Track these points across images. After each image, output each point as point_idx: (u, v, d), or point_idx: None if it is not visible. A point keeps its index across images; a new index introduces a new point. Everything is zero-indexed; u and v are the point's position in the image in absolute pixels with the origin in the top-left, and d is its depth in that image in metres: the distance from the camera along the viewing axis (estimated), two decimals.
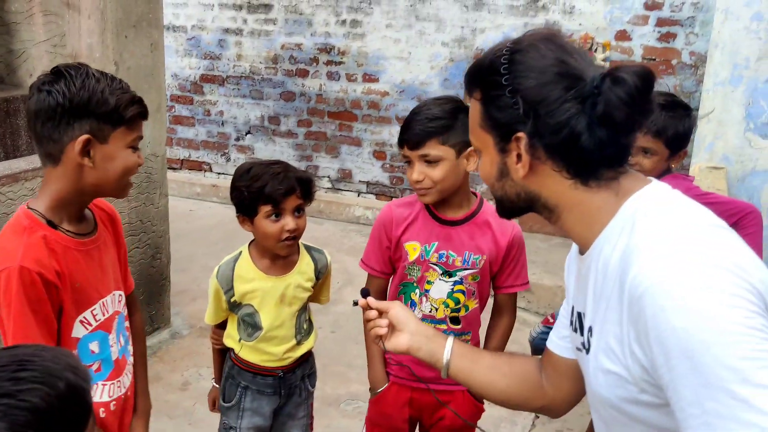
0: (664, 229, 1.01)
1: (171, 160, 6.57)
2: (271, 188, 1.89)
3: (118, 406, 1.65)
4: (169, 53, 6.22)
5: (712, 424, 0.88)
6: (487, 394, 1.44)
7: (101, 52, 3.15)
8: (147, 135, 3.44)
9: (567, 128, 1.06)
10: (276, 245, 1.95)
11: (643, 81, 1.03)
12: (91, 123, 1.44)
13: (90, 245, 1.56)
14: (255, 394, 2.08)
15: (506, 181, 1.17)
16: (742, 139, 3.98)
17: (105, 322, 1.59)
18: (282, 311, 2.02)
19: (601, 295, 1.09)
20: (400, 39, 5.70)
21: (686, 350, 0.90)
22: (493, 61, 1.13)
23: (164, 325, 3.78)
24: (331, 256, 2.21)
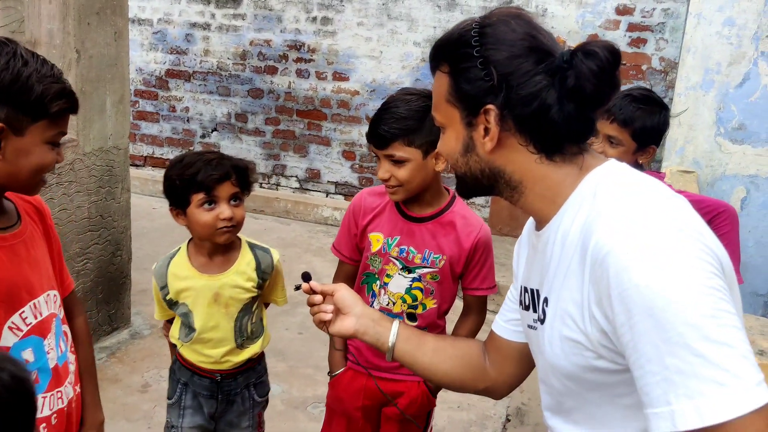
0: (626, 196, 1.03)
1: (134, 156, 6.40)
2: (203, 174, 1.81)
3: (60, 419, 1.47)
4: (134, 47, 6.06)
5: (672, 380, 0.89)
6: (431, 376, 1.46)
7: (62, 39, 3.02)
8: (109, 127, 3.32)
9: (537, 100, 1.07)
10: (212, 235, 1.85)
11: (612, 55, 1.05)
12: (8, 111, 1.24)
13: (12, 240, 1.37)
14: (193, 393, 2.01)
15: (471, 156, 1.16)
16: (713, 143, 4.00)
17: (38, 325, 1.40)
18: (216, 312, 1.93)
19: (559, 264, 1.10)
20: (371, 37, 5.64)
21: (648, 307, 0.91)
22: (462, 35, 1.13)
23: (124, 324, 3.65)
24: (299, 256, 2.14)
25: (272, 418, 3.03)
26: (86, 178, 3.24)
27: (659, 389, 0.90)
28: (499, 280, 4.21)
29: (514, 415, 3.21)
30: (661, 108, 2.23)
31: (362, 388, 2.02)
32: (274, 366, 3.47)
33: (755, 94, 3.94)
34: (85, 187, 3.24)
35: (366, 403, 2.03)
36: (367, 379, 2.01)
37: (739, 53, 3.93)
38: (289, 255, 4.99)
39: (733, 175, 4.01)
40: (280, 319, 3.87)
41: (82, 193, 3.22)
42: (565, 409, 1.17)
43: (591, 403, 1.11)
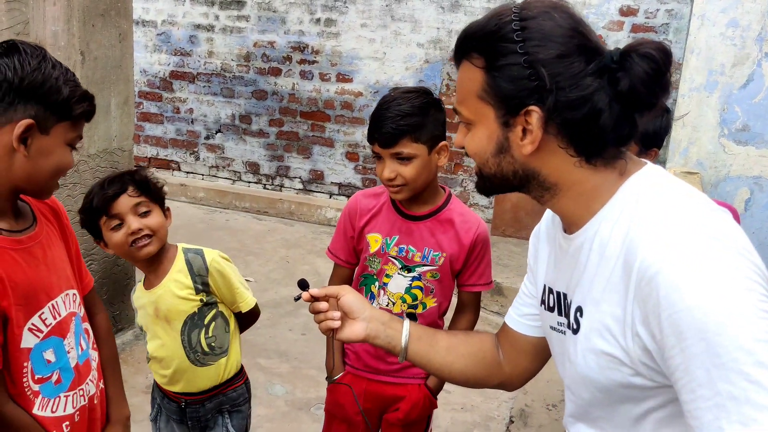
0: (670, 209, 0.99)
1: (138, 158, 6.41)
2: (98, 198, 1.77)
3: (83, 417, 1.49)
4: (138, 48, 6.07)
5: (725, 406, 0.86)
6: (445, 375, 1.43)
7: (67, 41, 3.03)
8: (114, 129, 3.32)
9: (589, 104, 1.01)
10: (131, 252, 1.78)
11: (666, 56, 1.00)
12: (37, 109, 1.29)
13: (29, 242, 1.39)
14: (165, 413, 1.99)
15: (504, 157, 1.09)
16: (717, 144, 3.99)
17: (57, 326, 1.42)
18: (159, 328, 1.87)
19: (596, 275, 1.06)
20: (375, 39, 5.65)
21: (701, 330, 0.88)
22: (501, 27, 1.04)
23: (128, 325, 3.66)
24: (302, 257, 2.13)
25: (276, 420, 3.04)
26: (90, 180, 3.25)
27: (711, 415, 0.87)
28: (503, 281, 4.22)
29: (518, 416, 3.21)
30: (663, 111, 2.20)
31: (362, 393, 2.01)
32: (277, 367, 3.48)
33: (759, 95, 3.93)
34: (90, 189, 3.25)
35: (366, 406, 2.03)
36: (366, 383, 2.01)
37: (743, 54, 3.92)
38: (293, 256, 5.00)
39: (737, 177, 4.00)
40: (283, 320, 3.88)
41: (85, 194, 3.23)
42: (592, 417, 1.15)
43: (620, 416, 1.08)
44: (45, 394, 1.40)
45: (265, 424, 2.98)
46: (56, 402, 1.42)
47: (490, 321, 3.94)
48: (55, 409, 1.42)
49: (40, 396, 1.39)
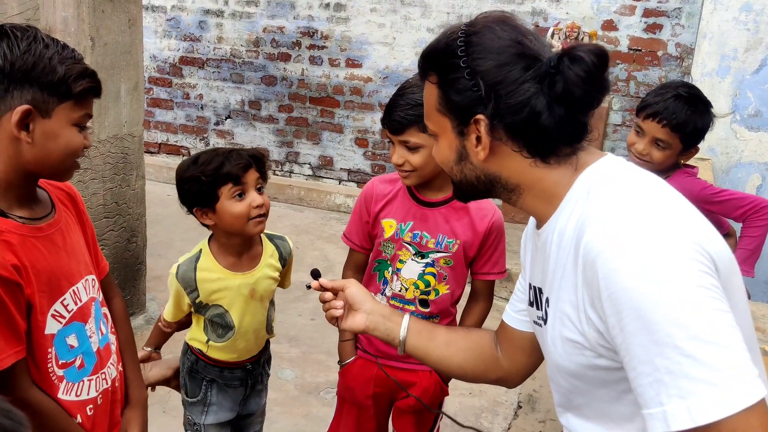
0: (618, 195, 1.03)
1: (148, 143, 6.43)
2: (229, 165, 1.79)
3: (105, 399, 1.51)
4: (148, 34, 6.07)
5: (663, 380, 0.89)
6: (444, 368, 1.47)
7: (77, 27, 3.03)
8: (124, 114, 3.33)
9: (527, 108, 1.07)
10: (246, 226, 1.82)
11: (599, 58, 1.04)
12: (33, 93, 1.25)
13: (49, 230, 1.38)
14: (221, 387, 2.01)
15: (465, 164, 1.17)
16: (729, 130, 3.97)
17: (79, 311, 1.43)
18: (253, 307, 1.94)
19: (556, 265, 1.11)
20: (384, 24, 5.62)
21: (637, 309, 0.91)
22: (448, 44, 1.12)
23: (139, 310, 3.69)
24: (312, 243, 2.16)
25: (285, 403, 3.06)
26: (101, 165, 3.27)
27: (652, 390, 0.91)
28: (511, 267, 4.22)
29: (526, 401, 3.22)
30: (707, 107, 2.17)
31: (373, 377, 2.03)
32: (287, 351, 3.51)
33: None
34: (100, 174, 3.27)
35: (377, 391, 2.04)
36: (374, 366, 2.02)
37: (756, 39, 3.88)
38: (302, 242, 5.01)
39: (748, 163, 3.97)
40: (293, 306, 3.90)
41: (97, 180, 3.25)
42: (575, 405, 1.18)
43: (599, 400, 1.11)
44: (69, 379, 1.41)
45: (275, 408, 3.01)
46: (80, 386, 1.43)
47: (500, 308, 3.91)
48: (79, 393, 1.43)
49: (65, 381, 1.40)
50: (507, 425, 3.04)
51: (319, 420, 2.93)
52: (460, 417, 3.02)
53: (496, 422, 3.04)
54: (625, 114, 5.11)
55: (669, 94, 2.13)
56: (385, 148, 5.87)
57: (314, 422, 2.94)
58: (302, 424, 2.92)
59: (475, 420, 3.03)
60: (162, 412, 2.92)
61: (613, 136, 5.17)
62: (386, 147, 5.86)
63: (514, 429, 3.03)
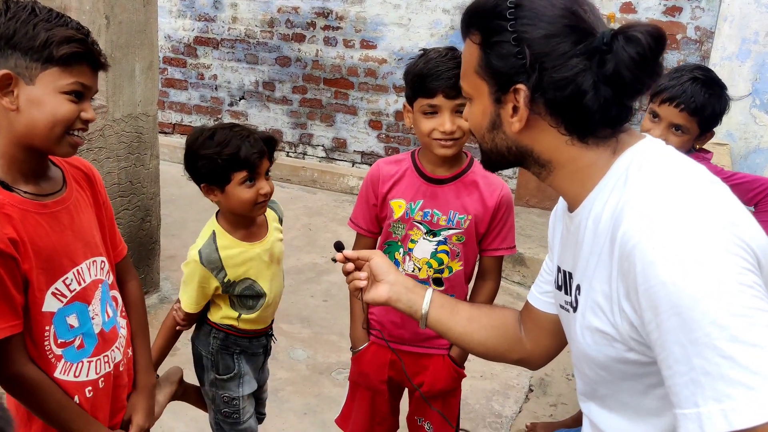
0: (657, 183, 0.99)
1: (163, 124, 6.44)
2: (245, 152, 1.80)
3: (107, 383, 1.50)
4: (163, 14, 6.06)
5: (699, 381, 0.86)
6: (465, 345, 1.44)
7: (92, 5, 3.03)
8: (138, 94, 3.34)
9: (572, 85, 1.02)
10: (251, 210, 1.88)
11: (656, 41, 1.00)
12: (16, 59, 1.24)
13: (55, 207, 1.37)
14: (248, 357, 2.04)
15: (497, 133, 1.13)
16: (748, 115, 3.91)
17: (82, 292, 1.42)
18: (275, 270, 2.01)
19: (590, 252, 1.07)
20: (399, 4, 5.57)
21: (675, 305, 0.88)
22: (497, 4, 1.06)
23: (153, 289, 3.72)
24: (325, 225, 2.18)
25: (297, 383, 3.08)
26: (116, 144, 3.28)
27: (687, 390, 0.88)
28: (525, 251, 4.21)
29: (537, 385, 3.22)
30: (723, 89, 2.13)
31: (387, 362, 2.03)
32: (299, 332, 3.52)
33: None
34: (115, 153, 3.28)
35: (391, 374, 2.04)
36: (391, 352, 2.01)
37: None
38: (315, 224, 5.02)
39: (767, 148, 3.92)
40: (305, 287, 3.91)
41: (111, 159, 3.26)
42: (599, 396, 1.15)
43: (624, 392, 1.09)
44: (68, 359, 1.41)
45: (287, 387, 3.03)
46: (79, 367, 1.43)
47: (512, 291, 3.93)
48: (77, 374, 1.43)
49: (63, 360, 1.40)
50: (518, 408, 3.04)
51: (330, 400, 2.95)
52: (471, 399, 3.03)
53: (507, 405, 3.04)
54: (643, 98, 5.04)
55: (685, 78, 2.08)
56: (399, 131, 5.84)
57: (326, 402, 2.96)
58: (314, 404, 2.94)
59: (486, 403, 3.04)
60: None
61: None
62: (400, 129, 5.84)
63: (525, 412, 3.03)
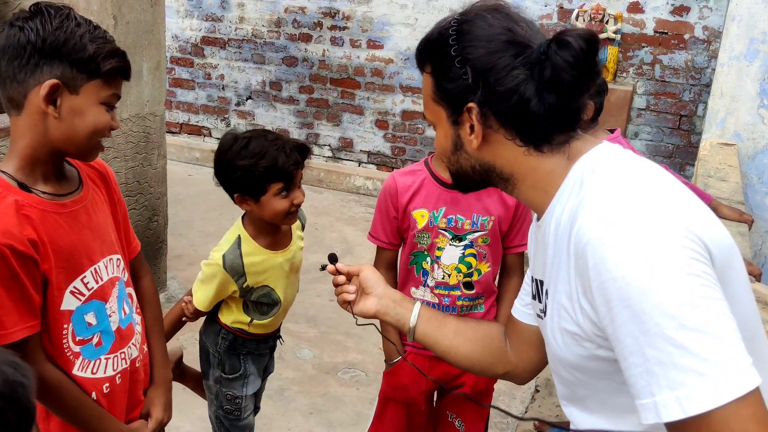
0: (609, 183, 1.02)
1: (170, 123, 6.46)
2: (283, 163, 1.79)
3: (124, 379, 1.51)
4: (170, 14, 6.08)
5: (653, 371, 0.88)
6: (451, 358, 1.45)
7: (99, 5, 3.04)
8: (146, 93, 3.35)
9: (516, 95, 1.06)
10: (283, 220, 1.89)
11: (588, 44, 1.03)
12: (63, 68, 1.28)
13: (73, 206, 1.39)
14: (254, 357, 2.04)
15: (461, 153, 1.17)
16: (755, 115, 3.89)
17: (99, 290, 1.44)
18: (293, 279, 2.01)
19: (553, 256, 1.10)
20: (406, 4, 5.57)
21: (625, 298, 0.90)
22: (441, 33, 1.13)
23: (160, 288, 3.72)
24: (331, 225, 2.17)
25: (304, 383, 3.09)
26: (123, 144, 3.29)
27: (643, 381, 0.90)
28: None
29: (543, 385, 3.22)
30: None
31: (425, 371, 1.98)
32: (305, 332, 3.53)
33: None
34: (122, 153, 3.30)
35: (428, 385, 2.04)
36: (429, 361, 1.99)
37: None
38: (322, 223, 5.02)
39: None
40: (311, 287, 3.92)
41: (119, 158, 3.27)
42: (579, 397, 1.17)
43: (602, 391, 1.10)
44: (85, 356, 1.42)
45: (293, 387, 3.04)
46: (96, 364, 1.44)
47: None
48: (95, 371, 1.44)
49: (81, 357, 1.41)
50: (524, 409, 3.04)
51: (336, 400, 2.95)
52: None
53: (513, 405, 3.04)
54: (649, 98, 5.03)
55: None
56: (405, 131, 5.84)
57: (332, 402, 2.97)
58: (320, 404, 2.95)
59: (493, 402, 3.03)
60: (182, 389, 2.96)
61: (636, 121, 5.10)
62: (406, 129, 5.84)
63: (531, 412, 3.03)
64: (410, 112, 5.80)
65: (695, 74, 4.90)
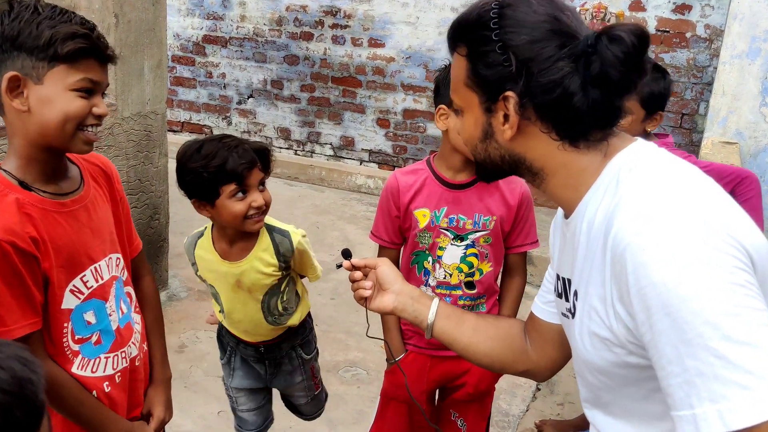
0: (648, 184, 0.98)
1: (171, 122, 6.47)
2: (233, 163, 1.71)
3: (124, 378, 1.51)
4: (171, 12, 6.08)
5: (693, 382, 0.85)
6: (470, 355, 1.42)
7: (101, 4, 3.04)
8: (147, 92, 3.35)
9: (560, 88, 1.02)
10: (243, 224, 1.79)
11: (640, 40, 0.99)
12: (22, 59, 1.22)
13: (73, 205, 1.37)
14: (242, 358, 2.05)
15: (490, 142, 1.12)
16: (757, 114, 3.89)
17: (99, 289, 1.43)
18: (240, 296, 1.91)
19: (585, 257, 1.06)
20: (407, 3, 5.57)
21: (666, 306, 0.87)
22: (481, 15, 1.07)
23: (161, 287, 3.73)
24: (332, 224, 2.14)
25: None
26: (125, 143, 3.29)
27: (681, 392, 0.87)
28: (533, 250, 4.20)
29: (544, 384, 3.21)
30: (663, 74, 2.26)
31: (426, 372, 2.02)
32: None
33: None
34: (124, 152, 3.30)
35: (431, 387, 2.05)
36: (430, 361, 2.00)
37: None
38: (323, 222, 5.02)
39: None
40: (313, 285, 3.90)
41: (120, 157, 3.27)
42: (603, 402, 1.14)
43: (628, 398, 1.07)
44: (85, 354, 1.42)
45: None
46: (96, 362, 1.44)
47: None
48: (95, 370, 1.44)
49: (80, 356, 1.41)
50: (525, 407, 3.04)
51: (337, 398, 2.95)
52: None
53: (514, 404, 3.04)
54: None
55: None
56: (406, 129, 5.84)
57: (333, 400, 2.96)
58: None
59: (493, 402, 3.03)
60: (183, 387, 2.96)
61: None
62: (408, 128, 5.84)
63: (533, 411, 3.03)
64: (411, 111, 5.80)
65: (697, 73, 4.89)
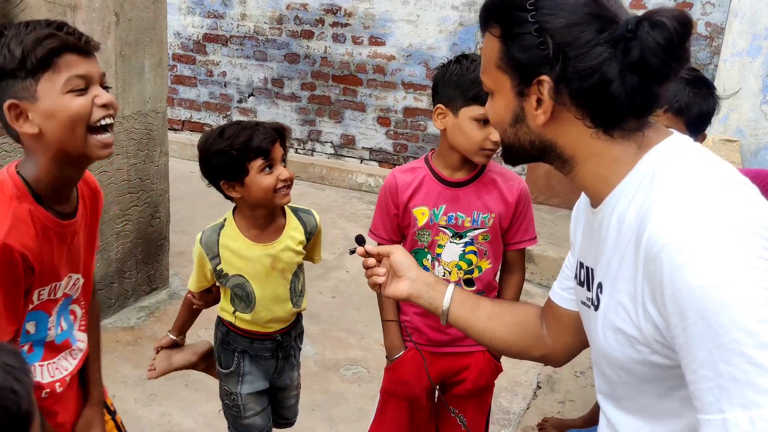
0: (685, 183, 0.95)
1: (172, 120, 6.47)
2: (257, 140, 1.81)
3: (65, 387, 1.50)
4: (172, 11, 6.08)
5: (726, 387, 0.84)
6: (487, 341, 1.42)
7: (101, 2, 3.04)
8: (147, 91, 3.35)
9: (598, 74, 0.98)
10: (273, 198, 1.86)
11: (682, 26, 0.95)
12: (12, 85, 1.22)
13: (67, 228, 1.39)
14: (253, 358, 2.03)
15: (521, 127, 1.09)
16: (758, 112, 3.89)
17: (46, 303, 1.42)
18: (274, 279, 1.96)
19: (614, 251, 1.04)
20: (408, 1, 5.57)
21: (702, 310, 0.86)
22: None
23: (162, 285, 3.74)
24: (333, 222, 2.14)
25: (305, 379, 3.08)
26: (125, 141, 3.30)
27: (712, 396, 0.86)
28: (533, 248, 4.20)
29: (545, 382, 3.22)
30: (711, 89, 2.08)
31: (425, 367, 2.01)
32: (307, 328, 3.51)
33: None
34: (125, 150, 3.30)
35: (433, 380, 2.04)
36: (430, 356, 2.00)
37: None
38: (324, 220, 4.97)
39: None
40: (313, 283, 3.92)
41: (121, 155, 3.28)
42: (617, 396, 1.14)
43: (645, 395, 1.07)
44: None
45: None
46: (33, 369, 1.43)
47: None
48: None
49: None
50: (526, 405, 3.04)
51: (338, 396, 2.96)
52: None
53: (515, 402, 3.05)
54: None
55: None
56: (407, 127, 5.84)
57: (333, 398, 2.97)
58: (322, 400, 2.95)
59: (494, 399, 3.03)
60: (184, 385, 2.97)
61: None
62: (408, 126, 5.84)
63: (533, 409, 3.03)
64: (412, 109, 5.79)
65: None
